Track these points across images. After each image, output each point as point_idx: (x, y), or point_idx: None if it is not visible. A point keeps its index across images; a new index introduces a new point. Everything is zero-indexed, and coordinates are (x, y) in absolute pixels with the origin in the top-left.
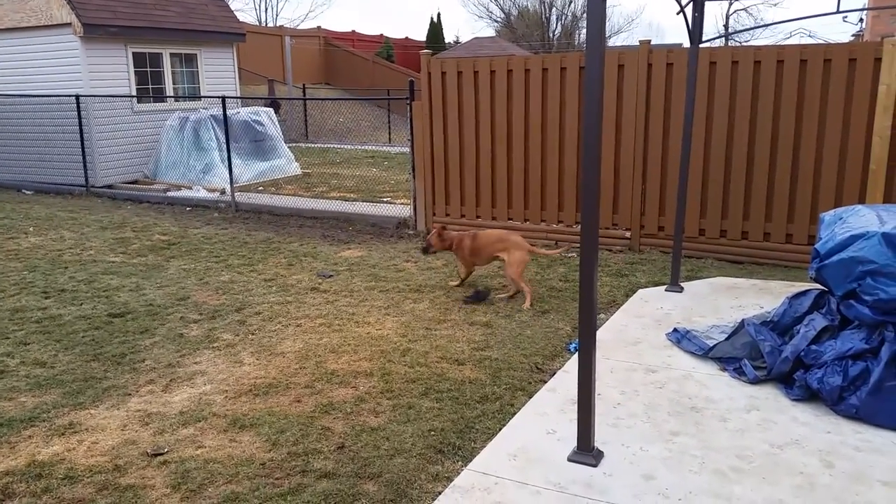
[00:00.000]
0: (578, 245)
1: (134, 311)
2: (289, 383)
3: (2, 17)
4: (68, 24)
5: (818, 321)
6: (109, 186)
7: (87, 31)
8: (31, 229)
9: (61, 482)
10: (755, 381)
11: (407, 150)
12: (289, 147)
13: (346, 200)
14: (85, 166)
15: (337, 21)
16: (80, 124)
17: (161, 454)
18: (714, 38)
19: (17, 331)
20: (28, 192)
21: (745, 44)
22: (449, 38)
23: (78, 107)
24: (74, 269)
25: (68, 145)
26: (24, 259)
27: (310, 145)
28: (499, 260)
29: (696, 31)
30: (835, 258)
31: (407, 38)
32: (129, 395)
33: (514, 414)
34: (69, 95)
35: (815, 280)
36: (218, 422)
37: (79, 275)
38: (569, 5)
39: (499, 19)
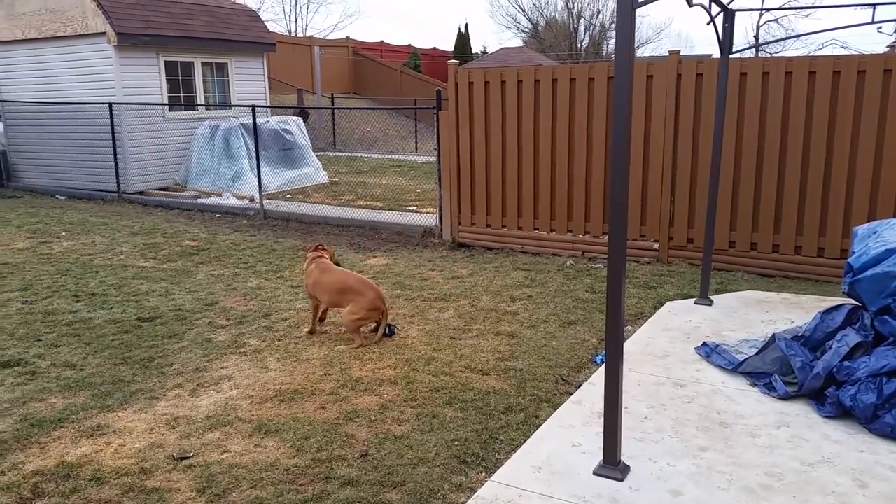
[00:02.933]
0: (606, 256)
1: (163, 316)
2: (314, 390)
3: (40, 26)
4: (103, 34)
5: (851, 337)
6: (141, 193)
7: (121, 40)
8: (63, 234)
9: (89, 483)
10: (786, 397)
11: (433, 159)
12: (317, 156)
13: (372, 209)
14: (117, 173)
15: (365, 31)
16: (113, 131)
17: (187, 458)
18: (744, 49)
19: (49, 333)
20: (61, 198)
21: (776, 55)
22: (476, 48)
23: (111, 114)
24: (105, 274)
25: (101, 152)
26: (57, 263)
27: (337, 154)
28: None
29: (726, 41)
30: (869, 273)
31: (434, 48)
32: (157, 398)
33: (539, 426)
34: (102, 103)
35: (848, 295)
36: (243, 427)
37: (109, 279)
38: (597, 16)
39: (526, 30)
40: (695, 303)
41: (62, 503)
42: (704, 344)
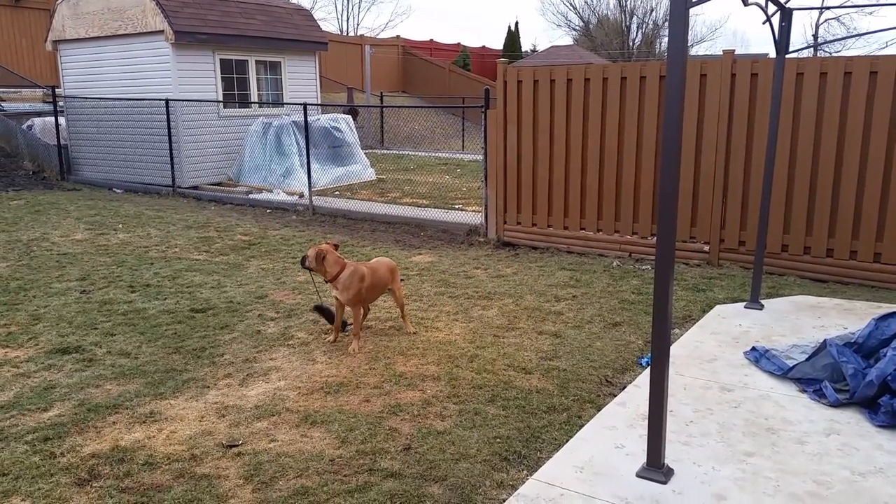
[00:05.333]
0: (653, 257)
1: (215, 308)
2: (359, 383)
3: (102, 25)
4: (161, 32)
5: None
6: (195, 187)
7: (178, 38)
8: (120, 226)
9: (141, 468)
10: (836, 405)
11: (479, 157)
12: (365, 153)
13: (418, 206)
14: (172, 168)
15: (416, 30)
16: (169, 127)
17: (235, 446)
18: (802, 49)
19: (105, 322)
20: (118, 191)
21: (835, 54)
22: (526, 46)
23: (167, 110)
24: (159, 266)
25: (157, 147)
26: (114, 254)
27: (385, 152)
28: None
29: (782, 40)
30: None
31: (484, 46)
32: (208, 387)
33: (582, 426)
34: (159, 99)
35: None
36: (290, 417)
37: (163, 271)
38: (650, 14)
39: (577, 28)
40: (745, 307)
41: (116, 485)
42: (753, 349)
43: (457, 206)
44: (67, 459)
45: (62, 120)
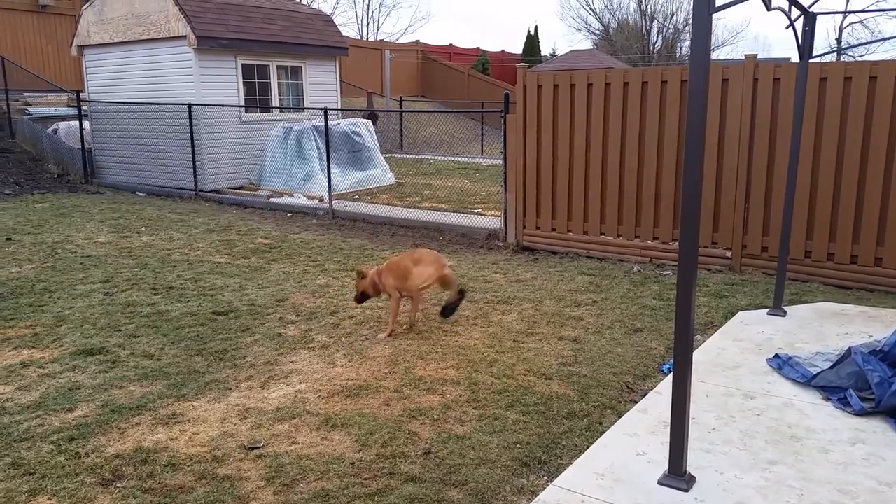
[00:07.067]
0: (675, 263)
1: (237, 310)
2: (378, 387)
3: (126, 30)
4: (184, 37)
5: None
6: (216, 191)
7: (201, 44)
8: (143, 229)
9: (164, 469)
10: (861, 413)
11: (499, 162)
12: (384, 157)
13: (437, 211)
14: (195, 171)
15: (435, 34)
16: (192, 132)
17: (257, 448)
18: (825, 53)
19: (128, 324)
20: (141, 195)
21: (859, 58)
22: (545, 50)
23: (190, 115)
24: (182, 268)
25: (180, 151)
26: (137, 257)
27: (404, 156)
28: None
29: (805, 45)
30: None
31: (503, 51)
32: (230, 389)
33: (603, 432)
34: (182, 104)
35: None
36: (311, 420)
37: (186, 274)
38: (670, 18)
39: (597, 32)
40: (768, 313)
41: (140, 486)
42: (777, 356)
43: (476, 211)
44: (92, 459)
45: (86, 124)
